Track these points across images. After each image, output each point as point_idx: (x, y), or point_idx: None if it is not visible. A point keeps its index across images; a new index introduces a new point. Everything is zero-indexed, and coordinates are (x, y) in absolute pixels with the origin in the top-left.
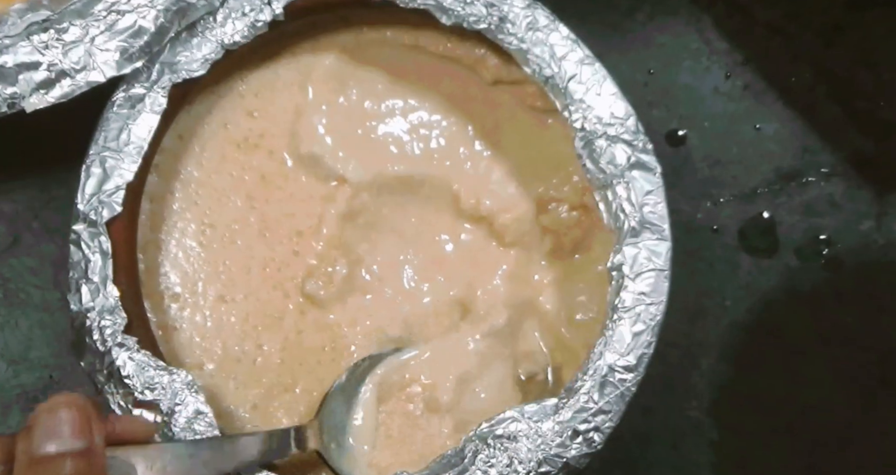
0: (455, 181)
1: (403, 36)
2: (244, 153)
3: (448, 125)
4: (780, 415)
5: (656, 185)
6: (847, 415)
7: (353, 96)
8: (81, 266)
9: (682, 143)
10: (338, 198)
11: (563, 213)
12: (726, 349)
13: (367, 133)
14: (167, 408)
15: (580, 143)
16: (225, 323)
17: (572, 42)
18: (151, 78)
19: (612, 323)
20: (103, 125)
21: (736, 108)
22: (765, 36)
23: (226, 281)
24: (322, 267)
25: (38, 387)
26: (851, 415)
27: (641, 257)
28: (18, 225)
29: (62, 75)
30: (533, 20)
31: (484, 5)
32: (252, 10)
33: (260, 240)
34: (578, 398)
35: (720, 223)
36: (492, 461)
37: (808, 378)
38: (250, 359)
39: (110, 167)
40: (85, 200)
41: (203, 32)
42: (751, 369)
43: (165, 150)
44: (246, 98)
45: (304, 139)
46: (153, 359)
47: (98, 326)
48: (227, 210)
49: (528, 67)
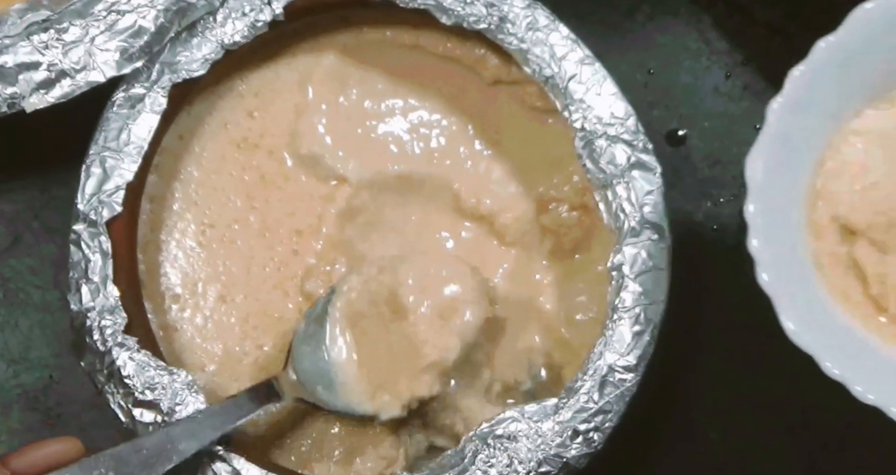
0: (455, 180)
1: (403, 36)
2: (244, 153)
3: (448, 125)
4: (780, 415)
5: (656, 184)
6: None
7: (353, 96)
8: (81, 266)
9: (682, 143)
10: (338, 197)
11: (564, 212)
12: (726, 349)
13: (367, 132)
14: (167, 408)
15: (580, 142)
16: (225, 323)
17: (572, 42)
18: (151, 78)
19: (612, 323)
20: (103, 125)
21: (736, 108)
22: (765, 36)
23: (226, 281)
24: (322, 266)
25: (38, 387)
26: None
27: (641, 257)
28: (18, 225)
29: (62, 75)
30: (533, 20)
31: (484, 5)
32: (252, 10)
33: (260, 240)
34: (578, 398)
35: (720, 223)
36: (492, 461)
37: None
38: (251, 359)
39: (110, 167)
40: (85, 200)
41: (203, 32)
42: (751, 369)
43: (165, 150)
44: (246, 98)
45: (304, 139)
46: (153, 360)
47: (98, 326)
48: (226, 210)
49: (528, 67)
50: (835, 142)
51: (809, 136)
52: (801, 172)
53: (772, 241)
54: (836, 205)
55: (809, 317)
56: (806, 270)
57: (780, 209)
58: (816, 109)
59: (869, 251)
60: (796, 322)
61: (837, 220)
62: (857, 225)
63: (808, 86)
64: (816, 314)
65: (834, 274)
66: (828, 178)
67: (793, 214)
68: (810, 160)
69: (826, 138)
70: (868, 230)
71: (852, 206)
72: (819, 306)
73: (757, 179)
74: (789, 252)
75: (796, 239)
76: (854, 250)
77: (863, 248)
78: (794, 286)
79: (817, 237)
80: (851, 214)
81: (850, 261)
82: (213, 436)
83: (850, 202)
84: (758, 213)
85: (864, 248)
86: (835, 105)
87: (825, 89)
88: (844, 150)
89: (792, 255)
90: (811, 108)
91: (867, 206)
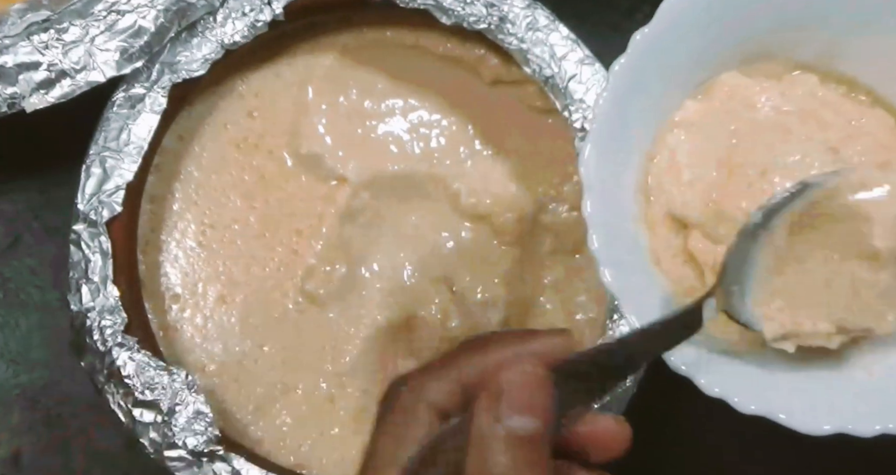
0: (455, 180)
1: (403, 36)
2: (244, 153)
3: (448, 125)
4: None
5: None
6: None
7: (353, 96)
8: (81, 266)
9: None
10: (338, 197)
11: (564, 212)
12: None
13: (367, 132)
14: (167, 408)
15: (580, 143)
16: (225, 323)
17: (572, 42)
18: (151, 78)
19: (612, 323)
20: (103, 125)
21: None
22: None
23: (226, 281)
24: (322, 266)
25: (38, 387)
26: None
27: None
28: (18, 225)
29: (62, 75)
30: (533, 20)
31: (484, 5)
32: (252, 10)
33: (260, 241)
34: None
35: None
36: None
37: None
38: (251, 359)
39: (110, 167)
40: (85, 200)
41: (203, 32)
42: None
43: (165, 150)
44: (246, 98)
45: (304, 139)
46: (153, 359)
47: (98, 326)
48: (226, 210)
49: (528, 67)
50: (661, 134)
51: (637, 130)
52: (633, 168)
53: (611, 239)
54: (667, 199)
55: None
56: (646, 266)
57: (616, 206)
58: (641, 103)
59: (702, 243)
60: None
61: (671, 213)
62: (689, 218)
63: (630, 79)
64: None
65: (672, 267)
66: (658, 172)
67: (629, 211)
68: (641, 154)
69: (653, 131)
70: (699, 222)
71: (682, 200)
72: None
73: (591, 178)
74: (628, 248)
75: (635, 234)
76: (688, 243)
77: (696, 241)
78: (637, 282)
79: (653, 232)
80: (682, 208)
81: (687, 254)
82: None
83: (680, 195)
84: (595, 212)
85: (698, 240)
86: (658, 97)
87: (647, 81)
88: (670, 142)
89: (632, 251)
90: (635, 102)
91: (696, 198)
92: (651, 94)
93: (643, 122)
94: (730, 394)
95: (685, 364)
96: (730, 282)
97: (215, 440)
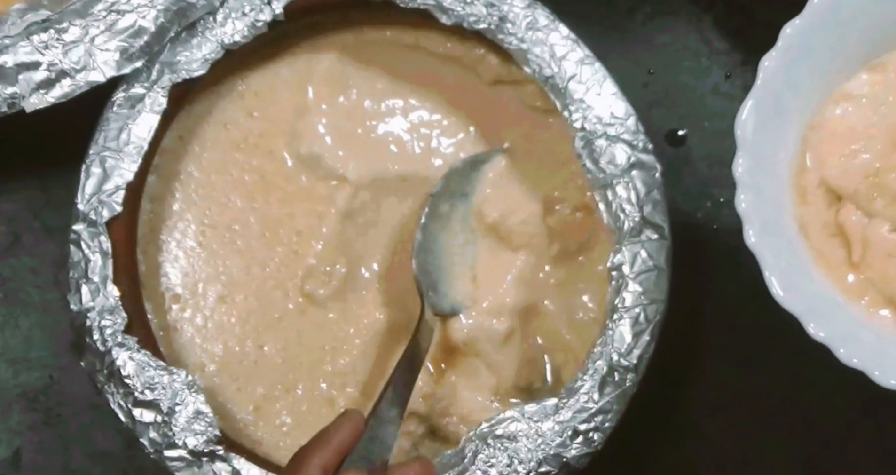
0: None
1: (404, 36)
2: (244, 153)
3: (448, 125)
4: (780, 415)
5: (656, 184)
6: (847, 415)
7: (353, 96)
8: (81, 266)
9: (682, 143)
10: (338, 197)
11: (568, 213)
12: (726, 349)
13: (367, 132)
14: (167, 408)
15: (580, 142)
16: (225, 324)
17: (572, 42)
18: (151, 78)
19: (612, 323)
20: (103, 125)
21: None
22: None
23: (226, 281)
24: (322, 266)
25: (38, 387)
26: (851, 415)
27: (641, 257)
28: (18, 225)
29: (62, 75)
30: (533, 20)
31: (484, 5)
32: (252, 10)
33: (260, 241)
34: (578, 398)
35: (720, 223)
36: (492, 461)
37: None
38: (251, 359)
39: (110, 167)
40: (85, 200)
41: (203, 32)
42: (751, 369)
43: (165, 150)
44: (246, 98)
45: (304, 139)
46: (153, 359)
47: (98, 326)
48: (226, 210)
49: (528, 67)
50: (826, 104)
51: (800, 97)
52: (791, 134)
53: (760, 202)
54: (823, 169)
55: (793, 280)
56: (792, 233)
57: (769, 170)
58: (808, 68)
59: (855, 215)
60: (781, 284)
61: (825, 184)
62: (844, 190)
63: (801, 42)
64: (800, 277)
65: (819, 238)
66: (817, 141)
67: (781, 176)
68: (800, 122)
69: (816, 100)
70: (854, 195)
71: (840, 171)
72: (803, 270)
73: (746, 138)
74: (776, 214)
75: (784, 201)
76: (840, 215)
77: (849, 213)
78: (781, 248)
79: (804, 201)
80: (840, 179)
81: (836, 226)
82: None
83: (840, 166)
84: (746, 172)
85: (850, 213)
86: (827, 65)
87: (818, 47)
88: (836, 112)
89: (778, 218)
90: (803, 67)
91: (854, 170)
92: (821, 61)
93: (807, 89)
94: (870, 367)
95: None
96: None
97: (215, 440)
